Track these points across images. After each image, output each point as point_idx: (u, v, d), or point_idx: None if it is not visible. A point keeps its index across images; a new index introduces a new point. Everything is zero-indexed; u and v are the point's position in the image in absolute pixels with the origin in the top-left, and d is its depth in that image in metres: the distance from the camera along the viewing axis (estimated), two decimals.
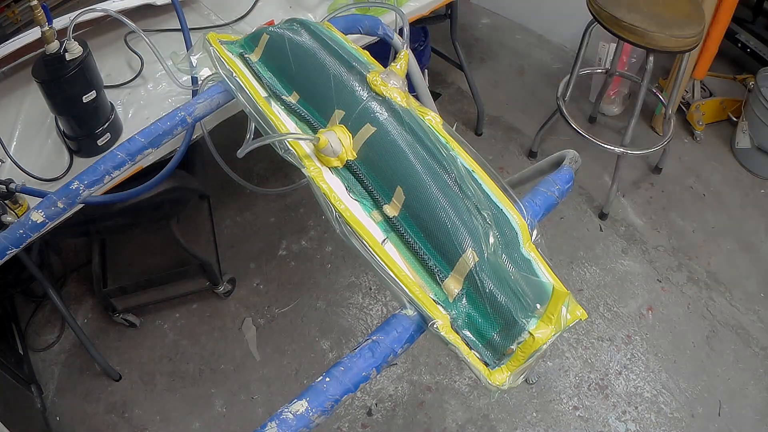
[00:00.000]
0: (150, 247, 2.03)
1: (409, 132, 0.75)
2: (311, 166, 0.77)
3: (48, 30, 1.10)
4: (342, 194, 0.75)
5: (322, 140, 0.75)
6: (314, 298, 2.05)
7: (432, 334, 0.63)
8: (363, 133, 0.77)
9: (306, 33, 0.93)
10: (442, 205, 0.68)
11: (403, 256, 0.69)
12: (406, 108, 0.79)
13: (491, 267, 0.65)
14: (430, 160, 0.72)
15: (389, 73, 0.82)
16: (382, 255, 0.68)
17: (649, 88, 2.21)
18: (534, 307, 0.63)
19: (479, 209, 0.69)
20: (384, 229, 0.72)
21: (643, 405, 1.80)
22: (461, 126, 2.55)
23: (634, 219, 2.26)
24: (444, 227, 0.67)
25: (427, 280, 0.67)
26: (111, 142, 1.29)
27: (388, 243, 0.70)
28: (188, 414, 1.82)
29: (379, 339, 0.63)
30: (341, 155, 0.77)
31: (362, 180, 0.76)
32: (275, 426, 0.56)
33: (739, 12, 2.22)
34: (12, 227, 0.81)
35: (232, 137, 1.13)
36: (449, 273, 0.66)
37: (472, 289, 0.64)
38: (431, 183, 0.70)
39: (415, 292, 0.65)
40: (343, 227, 0.71)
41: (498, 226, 0.69)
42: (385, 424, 1.79)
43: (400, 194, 0.72)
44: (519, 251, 0.69)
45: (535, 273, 0.68)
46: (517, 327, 0.62)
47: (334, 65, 0.86)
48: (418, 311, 0.64)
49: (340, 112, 0.81)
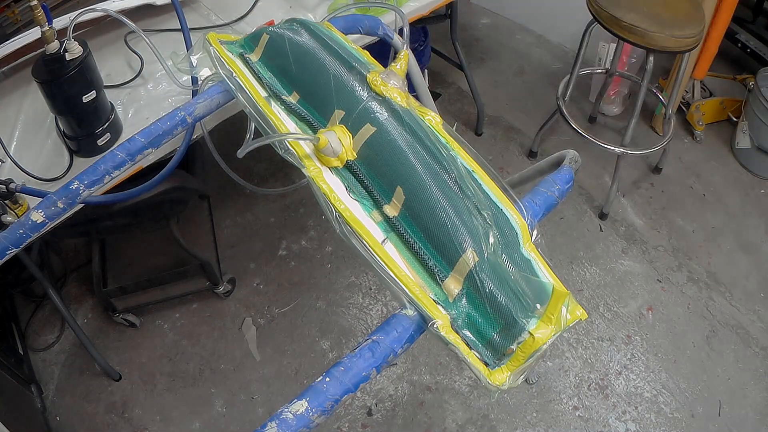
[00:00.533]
0: (150, 247, 2.03)
1: (409, 132, 0.75)
2: (311, 166, 0.77)
3: (48, 30, 1.10)
4: (342, 194, 0.75)
5: (322, 140, 0.75)
6: (314, 298, 2.05)
7: (432, 334, 0.63)
8: (363, 133, 0.77)
9: (306, 33, 0.93)
10: (442, 205, 0.68)
11: (403, 256, 0.69)
12: (406, 108, 0.79)
13: (491, 267, 0.65)
14: (430, 160, 0.72)
15: (389, 73, 0.82)
16: (382, 255, 0.68)
17: (649, 88, 2.21)
18: (534, 307, 0.63)
19: (479, 209, 0.69)
20: (384, 229, 0.72)
21: (643, 405, 1.80)
22: (461, 126, 2.55)
23: (634, 219, 2.26)
24: (444, 227, 0.67)
25: (427, 280, 0.67)
26: (111, 142, 1.29)
27: (388, 243, 0.70)
28: (188, 414, 1.82)
29: (379, 339, 0.63)
30: (341, 155, 0.77)
31: (362, 180, 0.76)
32: (275, 426, 0.56)
33: (739, 12, 2.22)
34: (12, 227, 0.81)
35: (232, 137, 1.13)
36: (449, 273, 0.66)
37: (472, 289, 0.65)
38: (431, 183, 0.70)
39: (415, 292, 0.65)
40: (343, 227, 0.71)
41: (498, 226, 0.69)
42: (385, 424, 1.79)
43: (400, 194, 0.72)
44: (519, 251, 0.69)
45: (535, 273, 0.68)
46: (517, 327, 0.62)
47: (334, 65, 0.86)
48: (418, 311, 0.64)
49: (340, 112, 0.81)
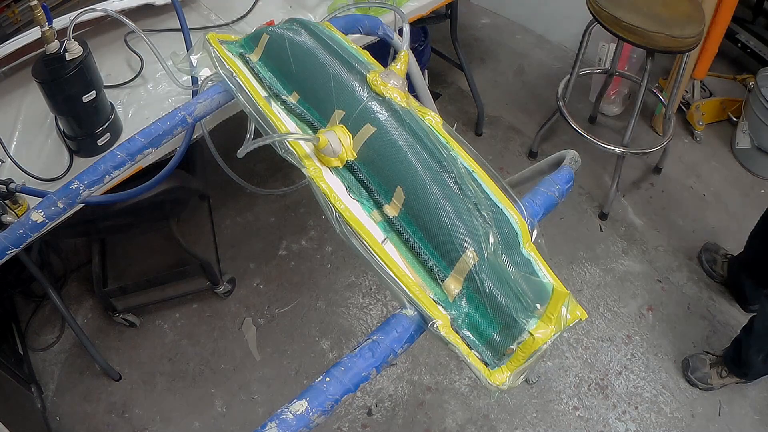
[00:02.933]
0: (150, 247, 2.03)
1: (409, 132, 0.75)
2: (311, 166, 0.77)
3: (48, 30, 1.10)
4: (342, 194, 0.74)
5: (322, 140, 0.75)
6: (314, 298, 2.05)
7: (432, 334, 0.63)
8: (363, 133, 0.77)
9: (306, 33, 0.93)
10: (443, 205, 0.68)
11: (403, 256, 0.69)
12: (406, 108, 0.78)
13: (491, 267, 0.64)
14: (430, 160, 0.72)
15: (389, 73, 0.81)
16: (382, 255, 0.68)
17: (649, 88, 2.21)
18: (534, 307, 0.63)
19: (479, 209, 0.68)
20: (384, 229, 0.71)
21: (643, 405, 1.80)
22: (461, 126, 2.55)
23: (634, 219, 2.26)
24: (444, 227, 0.67)
25: (427, 280, 0.67)
26: (111, 142, 1.29)
27: (388, 243, 0.70)
28: (188, 414, 1.82)
29: (379, 339, 0.63)
30: (341, 155, 0.77)
31: (362, 180, 0.75)
32: (275, 426, 0.56)
33: (739, 12, 2.22)
34: (12, 227, 0.81)
35: (232, 137, 1.13)
36: (449, 273, 0.66)
37: (472, 289, 0.64)
38: (431, 183, 0.69)
39: (415, 292, 0.64)
40: (343, 227, 0.71)
41: (498, 226, 0.69)
42: (385, 424, 1.79)
43: (400, 194, 0.71)
44: (519, 251, 0.69)
45: (535, 273, 0.68)
46: (517, 327, 0.62)
47: (334, 65, 0.85)
48: (418, 311, 0.64)
49: (340, 112, 0.81)
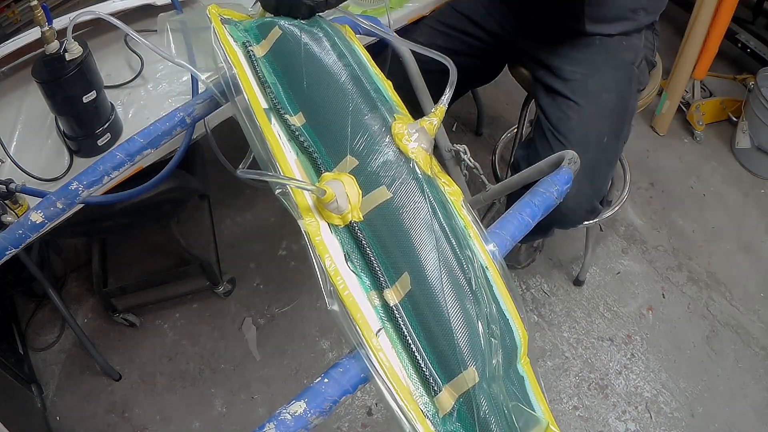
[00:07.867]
0: (150, 247, 2.03)
1: (430, 210, 0.65)
2: (309, 219, 0.67)
3: (48, 30, 1.10)
4: (339, 262, 0.65)
5: (328, 194, 0.65)
6: (314, 298, 2.05)
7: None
8: (376, 197, 0.67)
9: (327, 43, 0.81)
10: (453, 311, 0.60)
11: (397, 354, 0.61)
12: (429, 177, 0.69)
13: (489, 389, 0.59)
14: (448, 251, 0.63)
15: (419, 130, 0.71)
16: (375, 350, 0.60)
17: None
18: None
19: (489, 322, 0.62)
20: (380, 317, 0.63)
21: (643, 405, 1.80)
22: (461, 126, 2.55)
23: (634, 219, 2.25)
24: (449, 336, 0.60)
25: (418, 387, 0.60)
26: (111, 142, 1.28)
27: (382, 334, 0.62)
28: (188, 414, 1.82)
29: None
30: (345, 214, 0.67)
31: (364, 249, 0.65)
32: (273, 427, 0.56)
33: (739, 12, 2.22)
34: (11, 227, 0.81)
35: (233, 137, 1.13)
36: (444, 385, 0.59)
37: (465, 409, 0.59)
38: (445, 281, 0.61)
39: (406, 400, 0.59)
40: (336, 303, 0.64)
41: (501, 337, 0.63)
42: (385, 423, 1.79)
43: (406, 282, 0.62)
44: (515, 366, 0.65)
45: (526, 394, 0.64)
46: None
47: (355, 98, 0.74)
48: (406, 419, 0.58)
49: (352, 160, 0.70)
